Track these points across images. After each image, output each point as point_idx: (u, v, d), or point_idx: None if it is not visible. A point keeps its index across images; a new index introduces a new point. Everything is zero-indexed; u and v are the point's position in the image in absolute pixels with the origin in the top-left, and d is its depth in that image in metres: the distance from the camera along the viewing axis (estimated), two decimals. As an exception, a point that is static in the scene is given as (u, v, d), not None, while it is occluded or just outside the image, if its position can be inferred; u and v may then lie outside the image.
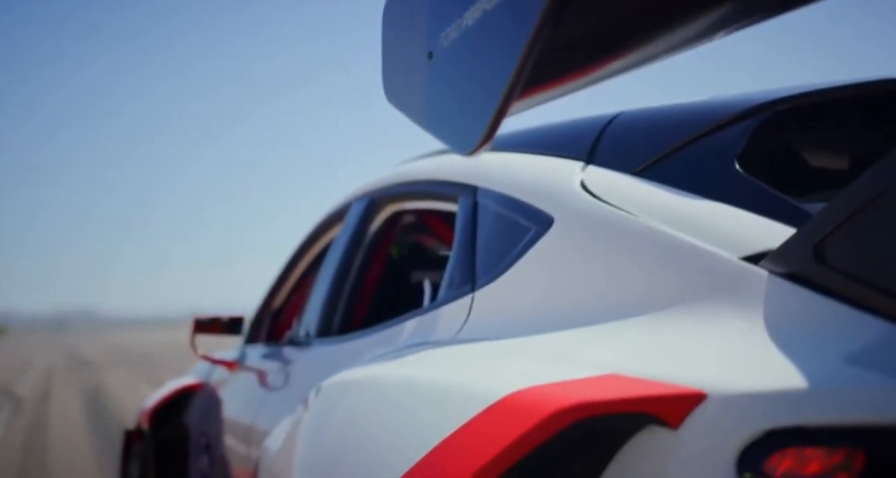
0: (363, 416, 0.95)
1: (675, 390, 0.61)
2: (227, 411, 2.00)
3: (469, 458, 0.66)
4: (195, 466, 2.19)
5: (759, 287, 0.69)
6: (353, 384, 1.03)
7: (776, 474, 0.55)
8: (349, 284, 1.65)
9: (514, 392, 0.69)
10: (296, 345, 1.73)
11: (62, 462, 5.26)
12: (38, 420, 7.69)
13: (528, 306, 0.96)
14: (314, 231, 2.01)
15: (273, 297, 2.24)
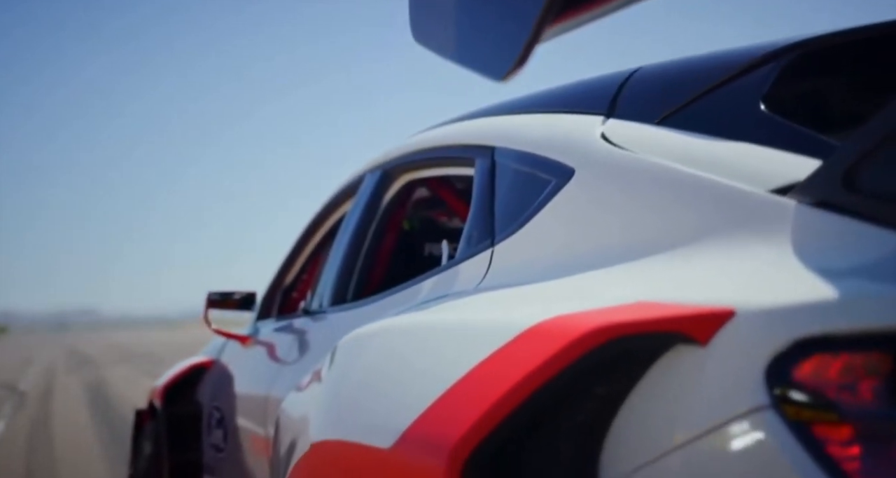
0: (386, 359, 0.94)
1: (704, 308, 0.61)
2: (241, 384, 2.02)
3: (498, 382, 0.66)
4: (209, 440, 2.21)
5: (786, 217, 0.69)
6: (374, 334, 1.03)
7: (805, 382, 0.56)
8: (363, 254, 1.67)
9: (541, 322, 0.70)
10: (310, 315, 1.75)
11: (68, 452, 5.28)
12: (43, 414, 7.70)
13: (550, 255, 0.96)
14: (326, 206, 2.03)
15: (285, 273, 2.26)
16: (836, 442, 0.54)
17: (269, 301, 2.27)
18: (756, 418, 0.56)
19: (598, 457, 0.65)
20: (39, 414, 7.66)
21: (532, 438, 0.66)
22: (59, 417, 7.39)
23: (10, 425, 6.70)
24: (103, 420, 7.06)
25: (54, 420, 7.13)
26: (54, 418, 7.34)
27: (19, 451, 5.35)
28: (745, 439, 0.56)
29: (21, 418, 7.32)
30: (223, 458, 2.06)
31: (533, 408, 0.65)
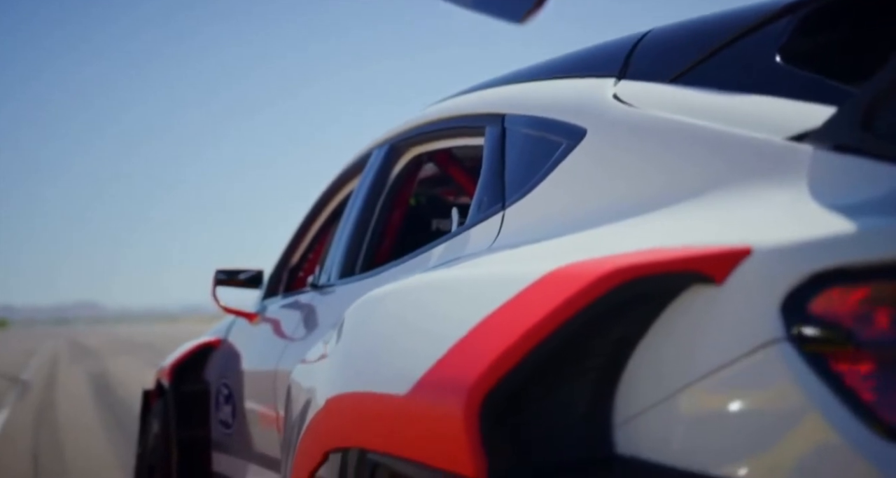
0: (400, 315, 0.95)
1: (720, 248, 0.61)
2: (249, 360, 2.03)
3: (514, 326, 0.67)
4: (217, 416, 2.23)
5: (804, 163, 0.69)
6: (387, 294, 1.04)
7: (821, 315, 0.56)
8: (371, 228, 1.68)
9: (556, 269, 0.71)
10: (318, 289, 1.76)
11: (73, 437, 5.31)
12: (47, 401, 7.74)
13: (563, 214, 0.95)
14: (333, 184, 2.04)
15: (292, 251, 2.27)
16: (853, 372, 0.54)
17: (276, 280, 2.28)
18: (771, 352, 0.56)
19: (613, 397, 0.66)
20: (43, 401, 7.69)
21: (547, 379, 0.67)
22: (63, 403, 7.43)
23: (14, 413, 6.73)
24: (106, 406, 7.09)
25: (58, 407, 7.16)
26: (58, 404, 7.37)
27: (24, 436, 5.38)
28: (760, 374, 0.56)
29: (25, 405, 7.35)
30: (232, 433, 2.08)
31: (548, 350, 0.65)
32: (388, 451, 0.80)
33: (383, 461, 0.82)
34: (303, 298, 1.86)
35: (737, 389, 0.58)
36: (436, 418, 0.71)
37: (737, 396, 0.58)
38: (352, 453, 1.10)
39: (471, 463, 0.64)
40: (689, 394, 0.60)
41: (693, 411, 0.60)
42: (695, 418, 0.60)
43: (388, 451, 0.80)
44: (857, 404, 0.53)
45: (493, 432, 0.65)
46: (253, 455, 1.89)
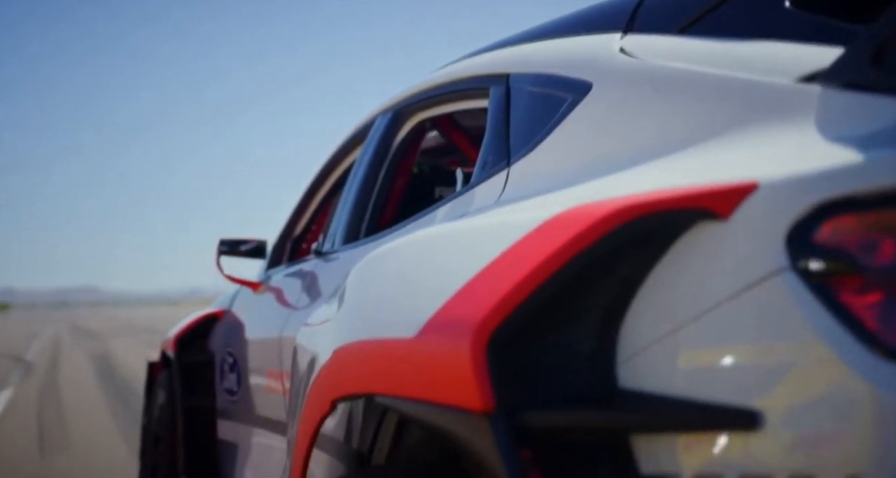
0: (407, 266, 0.95)
1: (727, 184, 0.62)
2: (253, 329, 2.05)
3: (520, 266, 0.68)
4: (222, 385, 2.25)
5: (813, 102, 0.70)
6: (393, 249, 1.05)
7: (826, 244, 0.56)
8: (375, 195, 1.68)
9: (562, 211, 0.71)
10: (321, 256, 1.77)
11: (77, 414, 5.36)
12: (50, 380, 7.79)
13: (568, 168, 0.96)
14: (337, 152, 2.04)
15: (295, 222, 2.27)
16: (857, 299, 0.55)
17: (280, 250, 2.29)
18: (776, 283, 0.57)
19: (618, 334, 0.67)
20: (47, 381, 7.74)
21: (553, 318, 0.68)
22: (66, 383, 7.48)
23: (19, 391, 6.78)
24: (109, 385, 7.15)
25: (61, 386, 7.22)
26: (61, 384, 7.42)
27: (29, 413, 5.43)
28: (765, 305, 0.57)
29: (29, 384, 7.41)
30: (236, 400, 2.10)
31: (554, 289, 0.66)
32: (396, 393, 0.81)
33: (391, 405, 0.83)
34: (306, 266, 1.87)
35: (741, 321, 0.58)
36: (444, 357, 0.72)
37: (741, 327, 0.58)
38: (358, 403, 1.12)
39: (479, 398, 0.65)
40: (694, 328, 0.61)
41: (698, 344, 0.61)
42: (699, 351, 0.61)
43: (395, 393, 0.81)
44: (861, 331, 0.54)
45: (500, 368, 0.66)
46: (258, 420, 1.92)
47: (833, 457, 0.51)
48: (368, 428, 1.09)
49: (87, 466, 3.67)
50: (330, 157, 2.09)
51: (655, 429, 0.62)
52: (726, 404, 0.57)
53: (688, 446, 0.59)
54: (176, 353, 2.42)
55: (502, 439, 0.63)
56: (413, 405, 0.78)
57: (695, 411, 0.59)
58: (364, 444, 1.10)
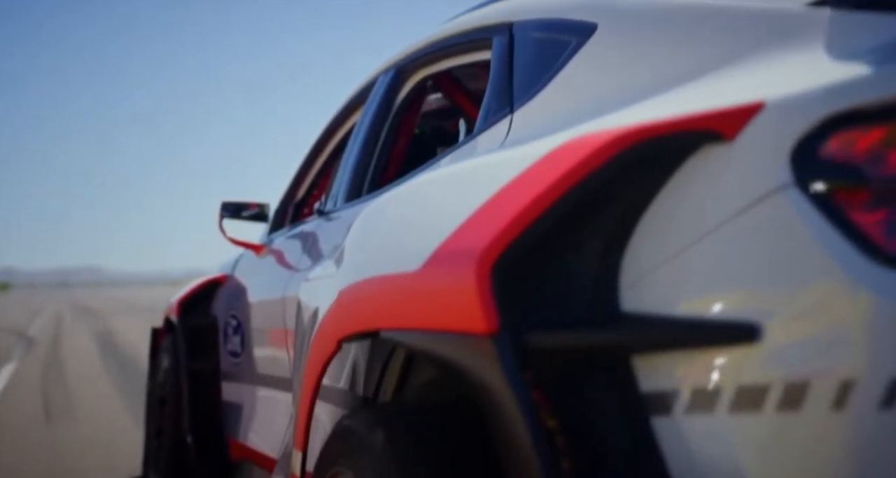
0: (411, 207, 0.96)
1: (732, 106, 0.61)
2: (256, 291, 2.06)
3: (525, 194, 0.68)
4: (226, 348, 2.27)
5: (823, 25, 0.70)
6: (396, 195, 1.06)
7: (831, 157, 0.56)
8: (377, 154, 1.68)
9: (568, 141, 0.72)
10: (324, 215, 1.78)
11: (80, 386, 5.41)
12: (53, 355, 7.85)
13: (573, 111, 0.95)
14: (339, 114, 2.03)
15: (298, 185, 2.27)
16: (862, 211, 0.55)
17: (282, 214, 2.30)
18: (780, 198, 0.57)
19: (622, 259, 0.67)
20: (50, 355, 7.80)
21: (558, 244, 0.69)
22: (69, 357, 7.54)
23: (23, 364, 6.83)
24: (111, 360, 7.20)
25: (65, 360, 7.27)
26: (64, 358, 7.48)
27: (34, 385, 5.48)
28: (769, 220, 0.57)
29: (33, 358, 7.46)
30: (240, 362, 2.13)
31: (558, 215, 0.67)
32: (402, 326, 0.82)
33: (397, 339, 0.84)
34: (308, 226, 1.88)
35: (745, 238, 0.59)
36: (449, 284, 0.73)
37: (745, 245, 0.59)
38: (363, 349, 1.14)
39: (483, 320, 0.67)
40: (697, 250, 0.62)
41: (700, 266, 0.61)
42: (701, 272, 0.61)
43: (401, 326, 0.82)
44: (865, 242, 0.54)
45: (505, 292, 0.67)
46: (262, 379, 1.94)
47: (830, 366, 0.53)
48: (373, 374, 1.11)
49: (92, 433, 3.72)
50: (332, 119, 2.08)
51: (656, 347, 0.63)
52: (726, 320, 0.58)
53: (687, 362, 0.60)
54: (179, 317, 2.44)
55: (506, 359, 0.65)
56: (419, 337, 0.79)
57: (695, 328, 0.61)
58: (369, 390, 1.12)
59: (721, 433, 0.58)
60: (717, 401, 0.58)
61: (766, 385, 0.55)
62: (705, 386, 0.59)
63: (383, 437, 0.81)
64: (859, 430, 0.50)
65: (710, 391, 0.58)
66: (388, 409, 0.95)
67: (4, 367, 6.67)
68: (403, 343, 0.84)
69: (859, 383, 0.51)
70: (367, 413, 0.88)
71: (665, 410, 0.61)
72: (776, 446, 0.54)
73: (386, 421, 0.84)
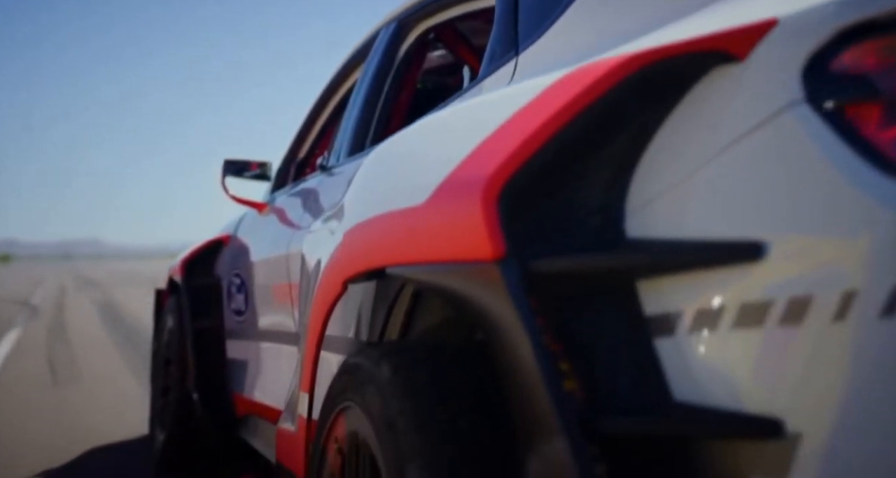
0: (416, 145, 0.96)
1: (744, 24, 0.60)
2: (260, 248, 2.07)
3: (531, 120, 0.68)
4: (230, 307, 2.29)
5: None
6: (400, 137, 1.06)
7: (844, 71, 0.55)
8: (380, 107, 1.68)
9: (574, 69, 0.71)
10: (327, 170, 1.78)
11: (85, 351, 5.46)
12: (57, 323, 7.90)
13: (580, 49, 0.93)
14: (340, 71, 2.02)
15: (300, 143, 2.27)
16: (874, 125, 0.55)
17: (284, 173, 2.30)
18: (788, 116, 0.56)
19: (629, 184, 0.67)
20: (54, 323, 7.86)
21: (565, 171, 0.69)
22: (73, 325, 7.59)
23: (27, 331, 6.88)
24: (114, 327, 7.26)
25: (68, 327, 7.33)
26: (68, 325, 7.53)
27: (39, 350, 5.53)
28: (779, 138, 0.57)
29: (37, 325, 7.52)
30: (244, 320, 2.14)
31: (566, 141, 0.66)
32: (408, 261, 0.82)
33: (402, 274, 0.85)
34: (311, 182, 1.88)
35: (754, 158, 0.58)
36: (455, 214, 0.73)
37: (754, 165, 0.58)
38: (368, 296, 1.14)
39: (489, 246, 0.67)
40: (707, 172, 0.61)
41: (709, 187, 0.61)
42: (711, 193, 0.61)
43: (407, 261, 0.83)
44: (878, 156, 0.53)
45: (511, 219, 0.68)
46: (267, 335, 1.96)
47: (834, 278, 0.53)
48: (377, 320, 1.12)
49: (97, 394, 3.77)
50: (333, 76, 2.07)
51: (661, 270, 0.63)
52: (733, 240, 0.59)
53: (691, 283, 0.61)
54: (183, 277, 2.46)
55: (512, 285, 0.65)
56: (425, 270, 0.80)
57: (701, 249, 0.61)
58: (373, 336, 1.13)
59: (722, 351, 0.59)
60: (720, 320, 0.59)
61: (770, 301, 0.56)
62: (709, 306, 0.60)
63: (389, 369, 0.82)
64: (860, 340, 0.51)
65: (714, 311, 0.59)
66: (394, 345, 0.97)
67: (9, 333, 6.72)
68: (410, 278, 0.85)
69: (861, 294, 0.51)
70: (374, 350, 0.89)
71: (668, 331, 0.62)
72: (776, 360, 0.55)
73: (392, 355, 0.85)
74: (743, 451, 0.56)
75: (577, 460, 0.59)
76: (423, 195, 0.81)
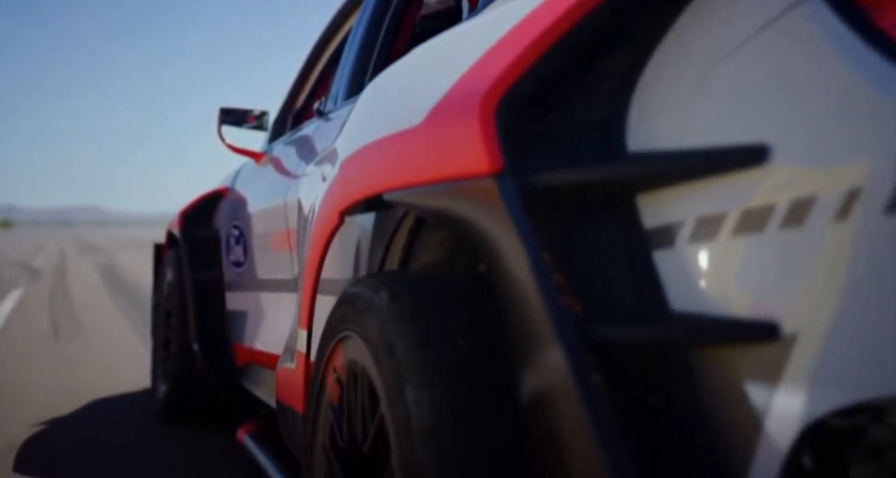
0: (413, 69, 0.93)
1: None
2: (258, 198, 2.06)
3: (531, 31, 0.66)
4: (229, 259, 2.29)
5: None
6: (397, 65, 1.03)
7: None
8: (378, 49, 1.65)
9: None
10: (324, 115, 1.75)
11: (87, 310, 5.49)
12: (59, 284, 7.94)
13: None
14: (336, 17, 1.98)
15: (297, 93, 2.24)
16: (889, 16, 0.52)
17: (282, 123, 2.27)
18: (799, 11, 0.54)
19: (630, 97, 0.66)
20: (55, 284, 7.90)
21: (566, 81, 0.67)
22: (74, 286, 7.63)
23: (29, 292, 6.92)
24: (116, 288, 7.30)
25: (70, 288, 7.36)
26: (70, 286, 7.57)
27: (41, 309, 5.56)
28: (786, 36, 0.55)
29: (39, 286, 7.55)
30: (244, 271, 2.14)
31: (567, 50, 0.65)
32: (406, 183, 0.81)
33: (399, 199, 0.84)
34: (308, 129, 1.86)
35: (761, 60, 0.56)
36: (453, 130, 0.71)
37: (760, 67, 0.56)
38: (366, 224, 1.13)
39: (487, 160, 0.66)
40: (711, 79, 0.59)
41: (713, 94, 0.59)
42: (714, 100, 0.59)
43: (405, 184, 0.81)
44: (891, 48, 0.51)
45: (510, 133, 0.66)
46: (266, 284, 1.96)
47: (840, 176, 0.52)
48: (375, 256, 1.11)
49: (99, 350, 3.80)
50: (329, 22, 2.03)
51: (662, 180, 0.62)
52: (734, 145, 0.57)
53: (692, 193, 0.60)
54: (182, 230, 2.45)
55: (510, 198, 0.64)
56: (422, 192, 0.79)
57: (702, 156, 0.59)
58: (372, 272, 1.12)
59: (722, 259, 0.58)
60: (721, 228, 0.57)
61: (772, 205, 0.55)
62: (709, 215, 0.58)
63: (388, 295, 0.81)
64: (861, 237, 0.50)
65: (714, 219, 0.58)
66: (392, 273, 0.96)
67: (11, 293, 6.76)
68: (407, 203, 0.84)
69: (865, 191, 0.50)
70: (372, 279, 0.89)
71: (668, 243, 0.61)
72: (775, 264, 0.54)
73: (390, 282, 0.84)
74: (737, 356, 0.56)
75: (574, 370, 0.58)
76: (419, 116, 0.79)
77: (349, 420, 0.90)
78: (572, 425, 0.59)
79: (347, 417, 0.91)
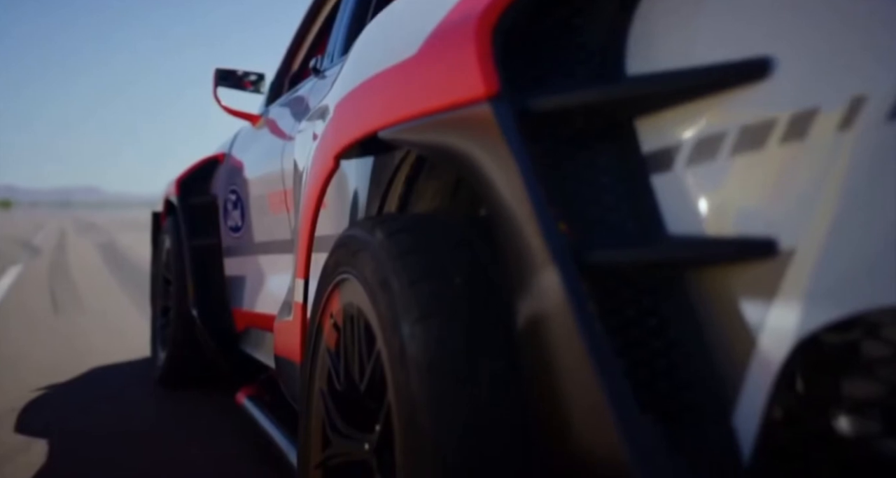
0: (404, 10, 0.92)
1: None
2: (255, 160, 2.04)
3: None
4: (226, 224, 2.28)
5: None
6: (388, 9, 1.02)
7: None
8: (374, 5, 1.62)
9: None
10: (320, 73, 1.73)
11: (86, 286, 5.50)
12: (59, 261, 7.95)
13: None
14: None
15: (293, 55, 2.21)
16: None
17: (278, 86, 2.24)
18: None
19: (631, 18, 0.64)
20: (55, 261, 7.90)
21: (565, 5, 0.65)
22: (74, 262, 7.64)
23: (28, 268, 6.93)
24: (115, 265, 7.30)
25: (70, 265, 7.37)
26: (69, 263, 7.58)
27: (40, 285, 5.57)
28: None
29: (39, 263, 7.56)
30: (241, 235, 2.13)
31: None
32: (400, 118, 0.79)
33: (394, 137, 0.82)
34: (304, 88, 1.84)
35: None
36: (447, 55, 0.70)
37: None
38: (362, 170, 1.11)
39: (482, 83, 0.64)
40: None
41: (712, 13, 0.58)
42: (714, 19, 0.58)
43: (399, 119, 0.80)
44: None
45: (506, 59, 0.65)
46: (264, 247, 1.95)
47: (841, 84, 0.50)
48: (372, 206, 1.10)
49: (99, 322, 3.81)
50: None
51: (660, 100, 0.61)
52: (733, 62, 0.56)
53: (691, 114, 0.58)
54: (179, 197, 2.44)
55: (506, 123, 0.63)
56: (416, 126, 0.77)
57: (702, 73, 0.58)
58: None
59: (720, 179, 0.57)
60: (720, 147, 0.56)
61: (773, 120, 0.53)
62: (708, 135, 0.57)
63: (383, 234, 0.80)
64: (865, 146, 0.49)
65: (713, 139, 0.57)
66: (388, 215, 0.95)
67: (11, 268, 6.77)
68: (402, 139, 0.82)
69: (869, 98, 0.49)
70: (367, 221, 0.88)
71: (666, 166, 0.60)
72: (774, 180, 0.53)
73: (386, 222, 0.83)
74: (733, 274, 0.55)
75: (569, 294, 0.57)
76: (413, 48, 0.78)
77: (346, 363, 0.90)
78: (568, 350, 0.58)
79: (344, 360, 0.90)
